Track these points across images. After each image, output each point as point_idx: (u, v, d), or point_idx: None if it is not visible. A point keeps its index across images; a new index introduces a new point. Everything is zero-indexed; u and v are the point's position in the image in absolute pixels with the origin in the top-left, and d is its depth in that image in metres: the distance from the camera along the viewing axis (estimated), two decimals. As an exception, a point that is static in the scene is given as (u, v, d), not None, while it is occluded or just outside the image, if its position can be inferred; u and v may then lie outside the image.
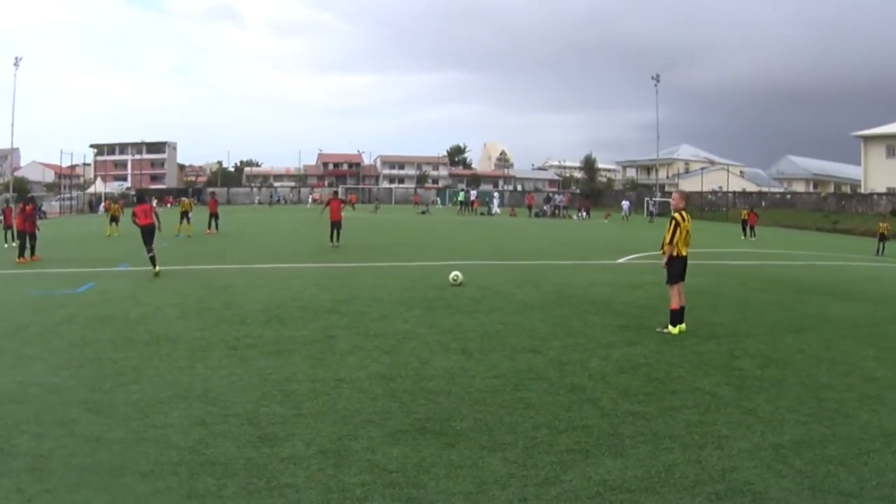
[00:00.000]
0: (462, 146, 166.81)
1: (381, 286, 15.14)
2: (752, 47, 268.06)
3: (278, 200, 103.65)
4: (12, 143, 74.22)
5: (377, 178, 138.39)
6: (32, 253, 21.47)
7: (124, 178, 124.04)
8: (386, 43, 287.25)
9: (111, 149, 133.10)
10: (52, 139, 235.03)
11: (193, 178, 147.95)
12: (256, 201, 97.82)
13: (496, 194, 78.68)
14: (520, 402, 6.95)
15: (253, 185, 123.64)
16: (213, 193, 46.80)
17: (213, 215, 34.78)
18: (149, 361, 8.46)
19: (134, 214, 18.79)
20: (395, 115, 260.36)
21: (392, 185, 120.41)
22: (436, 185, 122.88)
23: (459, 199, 72.59)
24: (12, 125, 74.67)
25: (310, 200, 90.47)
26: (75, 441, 5.75)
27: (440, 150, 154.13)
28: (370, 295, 13.81)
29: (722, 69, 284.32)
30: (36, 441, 5.70)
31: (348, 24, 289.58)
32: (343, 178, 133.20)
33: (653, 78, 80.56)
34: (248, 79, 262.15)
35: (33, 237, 21.57)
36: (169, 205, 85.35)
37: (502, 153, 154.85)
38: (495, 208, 68.96)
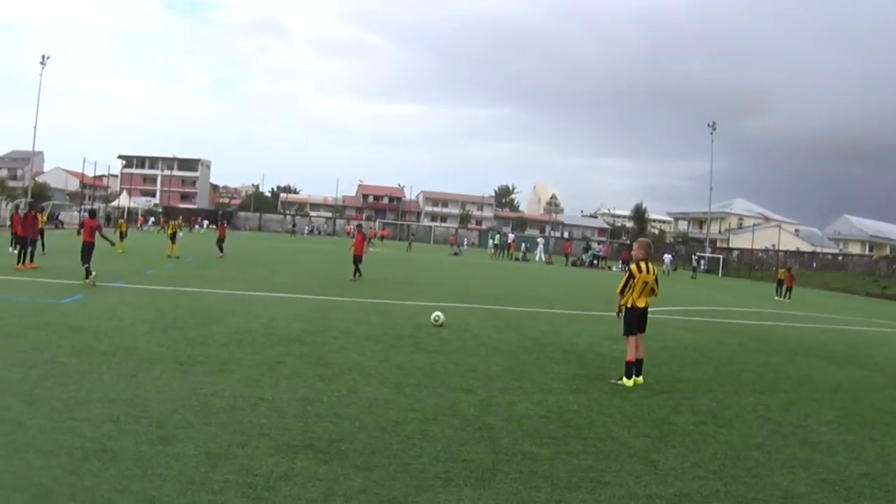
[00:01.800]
0: (510, 187, 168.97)
1: (362, 321, 16.22)
2: (815, 101, 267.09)
3: (311, 231, 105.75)
4: (34, 147, 76.73)
5: (418, 214, 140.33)
6: (31, 259, 23.07)
7: (153, 194, 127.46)
8: (436, 71, 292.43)
9: (140, 162, 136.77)
10: (76, 145, 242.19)
11: (227, 200, 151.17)
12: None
13: (541, 240, 79.19)
14: (420, 433, 7.86)
15: (288, 212, 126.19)
16: (222, 218, 48.97)
17: (220, 240, 36.57)
18: (97, 368, 9.59)
19: (81, 226, 20.94)
20: (441, 148, 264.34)
21: (432, 224, 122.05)
22: (479, 227, 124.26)
23: (494, 241, 73.51)
24: (35, 127, 77.61)
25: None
26: (1, 423, 6.88)
27: (486, 190, 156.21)
28: (344, 328, 14.88)
29: (783, 121, 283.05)
30: (-40, 421, 6.84)
31: (399, 48, 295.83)
32: (383, 212, 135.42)
33: (709, 125, 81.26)
34: (290, 98, 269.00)
35: (33, 244, 23.17)
36: (197, 227, 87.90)
37: (552, 197, 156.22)
38: (540, 255, 69.71)
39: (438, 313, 16.45)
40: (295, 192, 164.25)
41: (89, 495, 5.39)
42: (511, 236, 79.14)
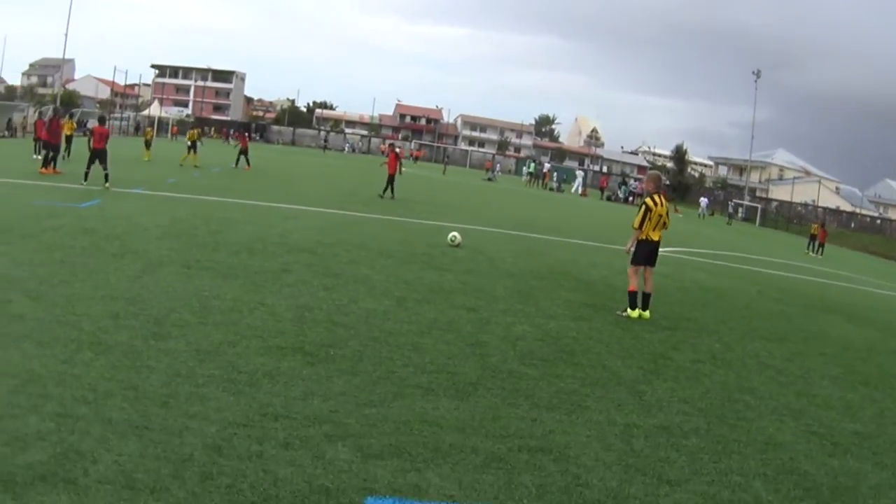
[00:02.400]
0: (551, 116, 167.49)
1: (378, 237, 16.52)
2: (865, 57, 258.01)
3: (347, 148, 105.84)
4: (64, 54, 77.10)
5: (456, 138, 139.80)
6: (55, 165, 23.62)
7: (185, 105, 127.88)
8: None
9: (174, 72, 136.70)
10: (108, 54, 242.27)
11: (261, 114, 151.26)
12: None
13: (580, 173, 78.66)
14: (411, 344, 8.12)
15: (322, 128, 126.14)
16: (244, 130, 49.01)
17: (243, 151, 36.82)
18: (105, 268, 9.97)
19: (91, 134, 21.51)
20: (482, 74, 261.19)
21: (469, 148, 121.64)
22: (517, 154, 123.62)
23: (529, 170, 73.22)
24: (66, 34, 77.78)
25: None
26: (2, 315, 7.26)
27: (527, 118, 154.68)
28: (358, 243, 15.18)
29: (832, 76, 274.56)
30: (-36, 309, 7.24)
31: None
32: (419, 133, 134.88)
33: (753, 73, 79.77)
34: (332, 15, 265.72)
35: (56, 150, 23.66)
36: (231, 139, 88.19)
37: (594, 130, 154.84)
38: (578, 187, 69.46)
39: (455, 233, 16.66)
40: (331, 108, 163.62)
41: (76, 382, 5.74)
42: (547, 165, 78.65)
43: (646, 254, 11.33)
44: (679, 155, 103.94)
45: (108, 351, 6.57)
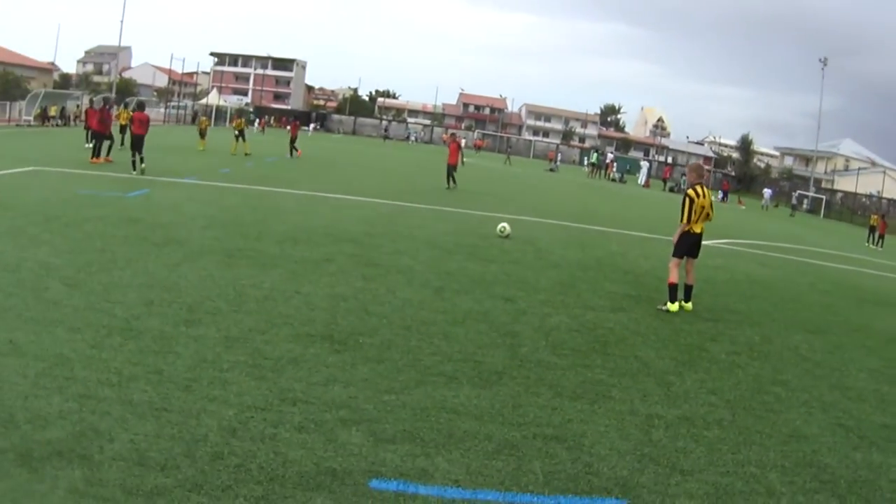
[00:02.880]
0: (616, 106, 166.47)
1: (427, 228, 16.74)
2: None
3: (408, 137, 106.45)
4: (120, 41, 79.17)
5: (520, 127, 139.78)
6: (107, 154, 24.40)
7: (245, 93, 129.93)
8: None
9: (233, 60, 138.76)
10: (166, 41, 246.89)
11: (322, 103, 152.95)
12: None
13: (645, 163, 78.00)
14: (442, 333, 8.28)
15: (385, 117, 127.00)
16: (295, 119, 49.73)
17: (292, 139, 37.56)
18: (145, 257, 10.36)
19: (131, 121, 22.62)
20: (547, 62, 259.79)
21: (533, 138, 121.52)
22: (582, 144, 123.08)
23: (592, 160, 72.82)
24: (122, 21, 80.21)
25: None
26: (37, 301, 7.62)
27: (592, 107, 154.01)
28: (406, 233, 15.41)
29: None
30: (7, 298, 7.59)
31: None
32: (483, 122, 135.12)
33: (820, 60, 78.16)
34: (393, 2, 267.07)
35: (109, 138, 24.42)
36: (289, 128, 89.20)
37: (659, 120, 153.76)
38: (642, 178, 69.00)
39: (505, 224, 16.78)
40: (394, 97, 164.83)
41: (103, 365, 6.05)
42: (610, 156, 77.95)
43: (688, 245, 11.32)
44: (744, 145, 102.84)
45: (137, 336, 6.88)
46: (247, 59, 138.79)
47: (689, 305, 11.21)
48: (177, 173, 22.77)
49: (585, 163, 78.19)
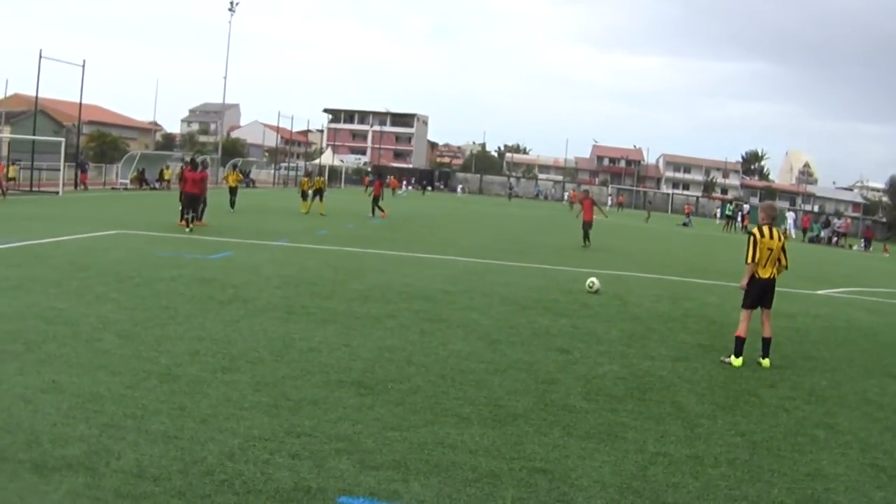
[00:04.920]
0: (759, 152, 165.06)
1: (512, 285, 17.75)
2: None
3: (536, 195, 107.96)
4: (224, 98, 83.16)
5: (658, 180, 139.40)
6: (199, 218, 26.56)
7: (362, 152, 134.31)
8: (678, 19, 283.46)
9: (349, 116, 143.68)
10: (274, 98, 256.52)
11: (448, 160, 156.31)
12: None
13: (791, 214, 76.97)
14: (476, 382, 9.17)
15: (513, 174, 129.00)
16: (380, 176, 51.89)
17: (375, 199, 39.81)
18: (205, 314, 11.80)
19: (183, 179, 25.28)
20: (682, 107, 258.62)
21: (671, 191, 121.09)
22: (723, 196, 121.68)
23: (726, 212, 72.66)
24: (224, 78, 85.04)
25: (566, 198, 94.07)
26: (87, 350, 9.09)
27: (732, 155, 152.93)
28: (487, 290, 16.46)
29: None
30: (59, 348, 9.11)
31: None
32: (619, 176, 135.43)
33: None
34: (517, 48, 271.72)
35: (200, 202, 26.47)
36: (401, 191, 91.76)
37: (805, 165, 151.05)
38: (790, 229, 68.06)
39: (593, 279, 17.61)
40: (524, 151, 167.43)
41: (132, 402, 7.35)
42: (746, 207, 77.42)
43: (756, 293, 11.59)
44: (893, 188, 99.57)
45: (173, 380, 8.19)
46: (363, 115, 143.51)
47: (767, 362, 11.34)
48: (269, 236, 24.68)
49: (719, 216, 77.97)
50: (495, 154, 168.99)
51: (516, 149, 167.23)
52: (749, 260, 11.51)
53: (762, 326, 11.64)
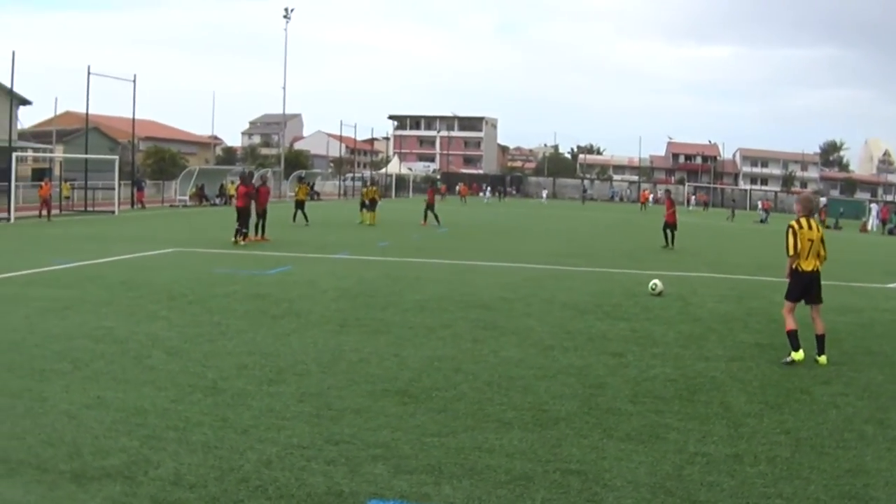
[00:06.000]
0: (837, 142, 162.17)
1: (574, 290, 17.93)
2: None
3: (611, 197, 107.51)
4: (284, 109, 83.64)
5: (735, 176, 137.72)
6: (262, 233, 27.25)
7: (430, 159, 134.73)
8: (749, 6, 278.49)
9: (415, 122, 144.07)
10: (336, 107, 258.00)
11: (520, 164, 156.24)
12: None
13: (874, 206, 75.20)
14: (523, 387, 9.36)
15: (587, 176, 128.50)
16: (433, 184, 52.11)
17: (429, 206, 40.69)
18: (256, 329, 12.23)
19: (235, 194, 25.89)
20: (755, 98, 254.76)
21: (750, 187, 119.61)
22: (800, 190, 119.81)
23: (802, 207, 71.28)
24: (284, 88, 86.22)
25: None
26: (135, 367, 9.58)
27: (810, 146, 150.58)
28: (547, 297, 16.67)
29: None
30: (106, 365, 9.61)
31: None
32: (695, 173, 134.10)
33: None
34: (583, 43, 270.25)
35: (247, 216, 26.91)
36: (482, 195, 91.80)
37: (885, 153, 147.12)
38: (873, 222, 66.80)
39: (656, 281, 17.68)
40: (598, 152, 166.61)
41: (175, 415, 7.76)
42: (823, 200, 76.05)
43: (800, 287, 11.56)
44: None
45: (218, 393, 8.59)
46: (430, 121, 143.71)
47: (824, 359, 11.23)
48: (329, 249, 25.27)
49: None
50: (568, 156, 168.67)
51: (590, 149, 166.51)
52: (791, 252, 11.55)
53: (814, 324, 11.50)
